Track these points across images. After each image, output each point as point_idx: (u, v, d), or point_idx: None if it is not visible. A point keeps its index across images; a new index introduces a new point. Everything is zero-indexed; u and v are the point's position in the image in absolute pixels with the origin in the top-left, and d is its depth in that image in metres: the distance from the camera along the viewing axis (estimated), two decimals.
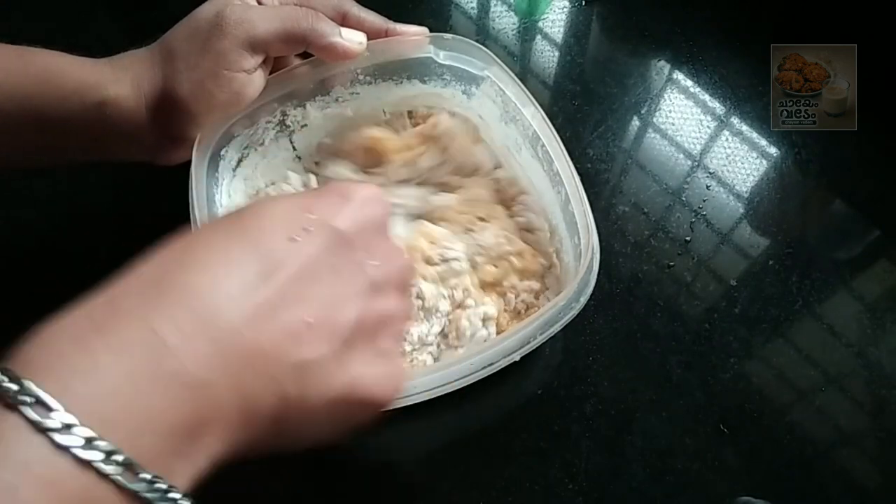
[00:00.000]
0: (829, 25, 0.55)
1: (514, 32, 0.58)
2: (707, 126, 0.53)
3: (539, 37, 0.58)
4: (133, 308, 0.20)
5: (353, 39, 0.38)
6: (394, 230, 0.42)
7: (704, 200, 0.49)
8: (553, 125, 0.39)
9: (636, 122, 0.53)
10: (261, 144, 0.42)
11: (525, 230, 0.43)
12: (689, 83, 0.55)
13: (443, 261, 0.41)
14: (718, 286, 0.46)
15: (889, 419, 0.42)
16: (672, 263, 0.46)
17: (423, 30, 0.41)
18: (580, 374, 0.42)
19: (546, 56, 0.57)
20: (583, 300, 0.34)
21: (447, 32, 0.41)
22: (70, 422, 0.17)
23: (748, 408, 0.41)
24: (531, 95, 0.39)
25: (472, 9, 0.60)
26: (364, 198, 0.26)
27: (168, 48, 0.36)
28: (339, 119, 0.44)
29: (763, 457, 0.40)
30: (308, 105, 0.42)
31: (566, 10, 0.59)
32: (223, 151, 0.39)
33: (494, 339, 0.38)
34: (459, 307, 0.41)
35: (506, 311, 0.41)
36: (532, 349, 0.33)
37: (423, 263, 0.41)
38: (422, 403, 0.31)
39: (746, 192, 0.50)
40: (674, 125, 0.53)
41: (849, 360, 0.44)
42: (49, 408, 0.17)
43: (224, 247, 0.22)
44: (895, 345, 0.44)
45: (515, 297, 0.41)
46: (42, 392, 0.17)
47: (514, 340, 0.33)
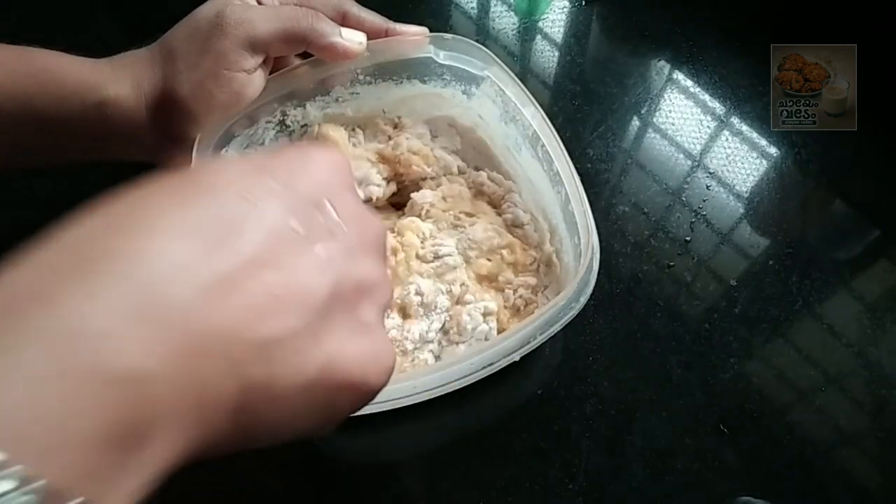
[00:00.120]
0: (829, 25, 0.55)
1: (514, 32, 0.58)
2: (707, 126, 0.53)
3: (539, 37, 0.58)
4: (47, 288, 0.16)
5: (353, 39, 0.38)
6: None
7: (704, 200, 0.49)
8: (553, 125, 0.39)
9: (636, 122, 0.53)
10: (261, 144, 0.42)
11: (513, 226, 0.44)
12: (689, 83, 0.55)
13: (436, 257, 0.41)
14: (718, 286, 0.46)
15: (889, 419, 0.42)
16: (672, 263, 0.46)
17: (423, 30, 0.41)
18: (580, 374, 0.42)
19: (546, 56, 0.57)
20: (583, 300, 0.34)
21: (447, 32, 0.41)
22: None
23: (748, 408, 0.41)
24: (531, 95, 0.39)
25: (472, 9, 0.60)
26: (326, 159, 0.23)
27: (168, 48, 0.36)
28: (339, 119, 0.44)
29: (763, 457, 0.40)
30: (308, 105, 0.42)
31: (566, 10, 0.59)
32: (223, 151, 0.39)
33: (494, 339, 0.38)
34: (459, 303, 0.41)
35: (505, 308, 0.41)
36: (532, 349, 0.33)
37: (418, 261, 0.41)
38: (422, 403, 0.31)
39: (746, 192, 0.50)
40: (674, 125, 0.53)
41: (849, 360, 0.44)
42: None
43: (169, 208, 0.18)
44: (895, 345, 0.44)
45: (513, 294, 0.41)
46: None
47: (514, 340, 0.33)
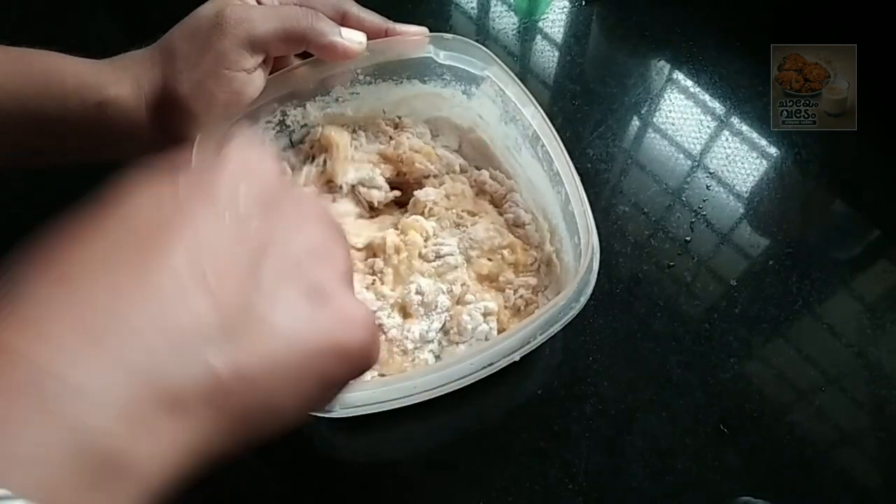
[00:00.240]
0: (829, 25, 0.55)
1: (514, 32, 0.58)
2: (707, 126, 0.53)
3: (539, 37, 0.58)
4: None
5: (353, 39, 0.38)
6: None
7: (704, 200, 0.49)
8: (553, 125, 0.39)
9: (636, 122, 0.53)
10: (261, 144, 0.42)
11: (514, 225, 0.44)
12: (689, 83, 0.55)
13: (437, 256, 0.41)
14: (718, 286, 0.46)
15: (889, 419, 0.42)
16: (672, 263, 0.46)
17: (423, 30, 0.41)
18: (580, 374, 0.42)
19: (546, 56, 0.57)
20: (583, 300, 0.34)
21: (447, 32, 0.41)
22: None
23: (748, 408, 0.41)
24: (531, 95, 0.39)
25: (472, 9, 0.60)
26: (241, 157, 0.23)
27: (168, 48, 0.36)
28: (340, 119, 0.44)
29: (763, 457, 0.40)
30: (308, 105, 0.42)
31: (566, 10, 0.59)
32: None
33: (494, 339, 0.38)
34: (459, 303, 0.41)
35: (506, 308, 0.41)
36: (532, 349, 0.33)
37: (420, 260, 0.41)
38: (422, 403, 0.31)
39: (746, 192, 0.50)
40: (674, 125, 0.53)
41: (849, 360, 0.44)
42: None
43: (104, 262, 0.20)
44: (895, 345, 0.44)
45: (514, 294, 0.41)
46: None
47: (514, 340, 0.33)
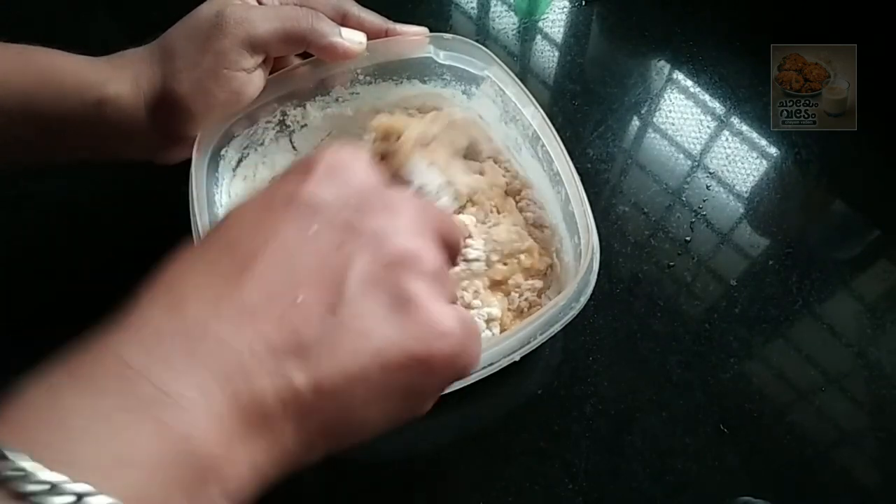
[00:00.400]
0: (829, 25, 0.55)
1: (514, 32, 0.58)
2: (707, 126, 0.53)
3: (539, 37, 0.58)
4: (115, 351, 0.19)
5: (353, 39, 0.38)
6: None
7: (704, 200, 0.49)
8: (553, 125, 0.39)
9: (636, 122, 0.53)
10: (261, 144, 0.42)
11: (533, 226, 0.43)
12: (689, 83, 0.55)
13: (464, 261, 0.40)
14: (718, 286, 0.46)
15: (889, 419, 0.42)
16: (672, 263, 0.46)
17: (423, 30, 0.41)
18: (580, 374, 0.42)
19: (546, 56, 0.57)
20: (583, 300, 0.34)
21: (447, 32, 0.41)
22: (84, 490, 0.16)
23: (748, 408, 0.41)
24: (531, 95, 0.39)
25: (472, 9, 0.60)
26: (330, 161, 0.24)
27: (168, 47, 0.36)
28: (339, 119, 0.44)
29: (763, 457, 0.40)
30: (308, 105, 0.42)
31: (566, 10, 0.59)
32: (223, 151, 0.39)
33: (495, 339, 0.38)
34: (466, 308, 0.40)
35: (509, 310, 0.41)
36: (532, 349, 0.33)
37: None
38: None
39: (746, 192, 0.50)
40: (674, 125, 0.53)
41: (849, 360, 0.44)
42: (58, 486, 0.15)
43: (204, 276, 0.21)
44: (895, 345, 0.44)
45: (519, 296, 0.41)
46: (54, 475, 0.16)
47: (515, 340, 0.33)
